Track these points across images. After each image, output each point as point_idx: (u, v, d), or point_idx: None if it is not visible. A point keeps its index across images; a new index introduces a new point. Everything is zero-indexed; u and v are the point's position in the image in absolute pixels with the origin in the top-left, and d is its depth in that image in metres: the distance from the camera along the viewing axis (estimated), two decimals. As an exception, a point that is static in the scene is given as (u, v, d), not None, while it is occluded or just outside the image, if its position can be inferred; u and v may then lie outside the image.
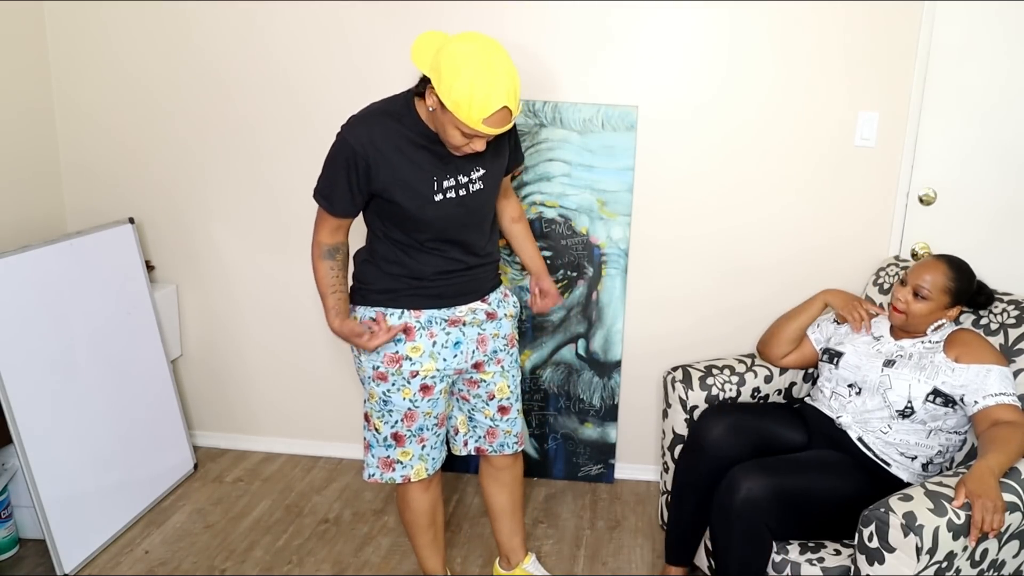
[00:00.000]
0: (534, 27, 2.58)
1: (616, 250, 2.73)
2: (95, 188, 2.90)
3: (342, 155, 1.80)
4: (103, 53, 2.77)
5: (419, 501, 2.09)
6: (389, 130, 1.79)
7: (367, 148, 1.77)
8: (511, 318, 2.09)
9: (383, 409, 1.97)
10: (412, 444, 1.99)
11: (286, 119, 2.76)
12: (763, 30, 2.53)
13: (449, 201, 1.85)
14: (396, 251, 1.90)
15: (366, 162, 1.78)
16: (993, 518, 1.60)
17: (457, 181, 1.85)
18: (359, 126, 1.80)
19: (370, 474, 2.04)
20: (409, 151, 1.80)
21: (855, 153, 2.59)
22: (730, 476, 1.93)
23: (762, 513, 1.86)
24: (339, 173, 1.81)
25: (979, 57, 2.46)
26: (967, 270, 2.07)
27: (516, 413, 2.13)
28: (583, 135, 2.65)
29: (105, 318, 2.58)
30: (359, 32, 2.66)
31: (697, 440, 2.14)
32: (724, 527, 1.92)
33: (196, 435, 3.10)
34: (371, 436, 2.02)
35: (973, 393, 1.92)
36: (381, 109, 1.84)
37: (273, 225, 2.86)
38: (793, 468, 1.96)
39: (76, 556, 2.35)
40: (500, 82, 1.65)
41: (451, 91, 1.64)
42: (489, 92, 1.64)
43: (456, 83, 1.63)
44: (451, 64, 1.64)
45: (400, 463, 2.00)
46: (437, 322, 1.94)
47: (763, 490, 1.86)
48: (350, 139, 1.78)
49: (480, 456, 2.20)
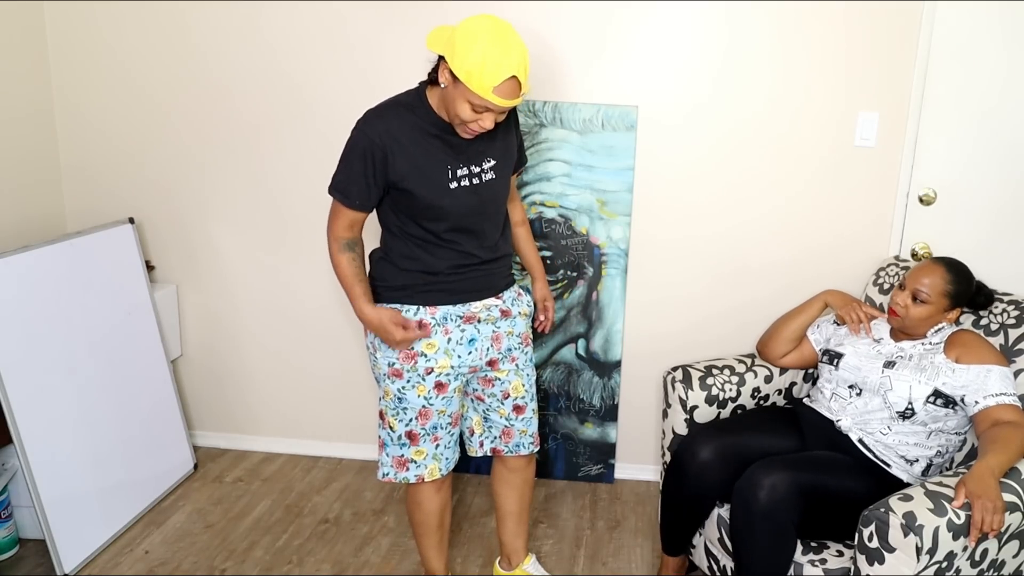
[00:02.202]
0: (534, 27, 2.58)
1: (616, 250, 2.73)
2: (95, 188, 2.90)
3: (359, 147, 1.83)
4: (103, 53, 2.77)
5: (431, 502, 2.09)
6: (404, 120, 1.84)
7: (384, 138, 1.81)
8: (525, 317, 2.10)
9: (398, 407, 1.97)
10: (426, 443, 1.99)
11: (286, 119, 2.76)
12: (763, 30, 2.53)
13: (464, 189, 1.88)
14: (411, 246, 1.92)
15: (383, 152, 1.81)
16: (993, 518, 1.60)
17: (470, 170, 1.89)
18: (374, 119, 1.84)
19: (384, 473, 2.04)
20: (424, 141, 1.84)
21: (855, 153, 2.59)
22: (751, 474, 1.89)
23: (787, 509, 1.82)
24: (355, 165, 1.84)
25: (979, 57, 2.46)
26: (966, 272, 2.07)
27: (531, 413, 2.13)
28: (583, 135, 2.65)
29: (105, 318, 2.58)
30: (359, 32, 2.66)
31: (681, 465, 2.11)
32: (747, 527, 1.87)
33: (196, 435, 3.10)
34: (386, 434, 2.02)
35: (973, 393, 1.92)
36: (395, 101, 1.89)
37: (273, 225, 2.86)
38: (811, 464, 1.94)
39: (76, 556, 2.35)
40: (511, 53, 1.71)
41: (464, 61, 1.69)
42: (500, 61, 1.69)
43: (469, 54, 1.69)
44: (465, 36, 1.71)
45: (414, 462, 2.00)
46: (452, 319, 1.95)
47: (786, 485, 1.83)
48: (367, 130, 1.82)
49: (494, 457, 2.20)
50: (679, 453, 2.14)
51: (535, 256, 2.24)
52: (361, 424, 3.00)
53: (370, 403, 2.97)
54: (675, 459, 2.15)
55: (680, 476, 2.12)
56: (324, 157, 2.75)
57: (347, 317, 2.87)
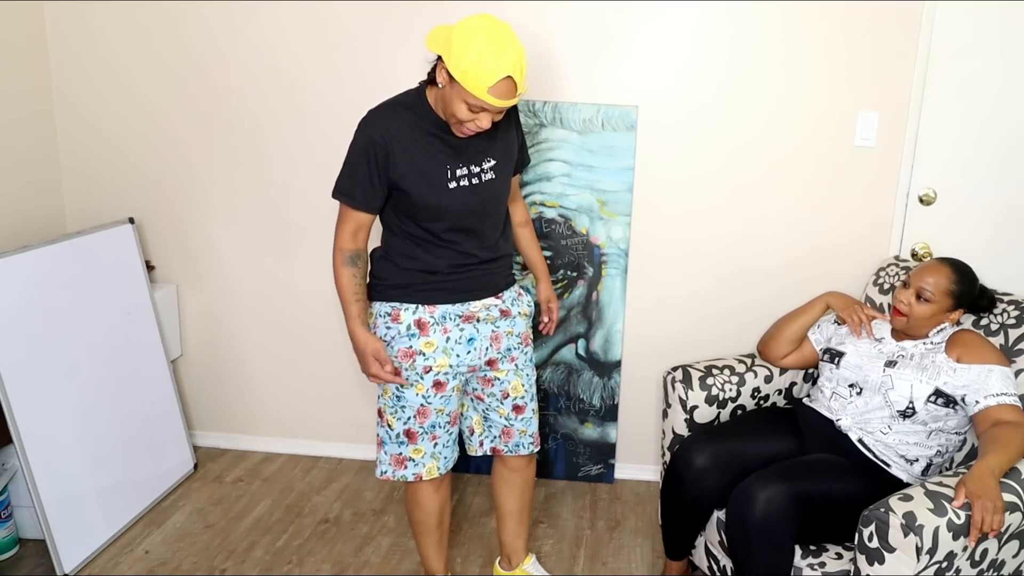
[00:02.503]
0: (534, 27, 2.58)
1: (616, 250, 2.73)
2: (95, 188, 2.90)
3: (362, 146, 1.84)
4: (103, 53, 2.77)
5: (430, 501, 2.09)
6: (405, 120, 1.85)
7: (385, 137, 1.83)
8: (525, 317, 2.10)
9: (396, 405, 1.97)
10: (424, 442, 2.00)
11: (286, 119, 2.76)
12: (763, 30, 2.53)
13: (463, 189, 1.88)
14: (411, 246, 1.93)
15: (385, 151, 1.82)
16: (993, 518, 1.60)
17: (470, 170, 1.89)
18: (376, 118, 1.86)
19: (382, 471, 2.04)
20: (423, 140, 1.85)
21: (855, 153, 2.59)
22: (747, 487, 1.87)
23: (783, 522, 1.81)
24: (359, 165, 1.85)
25: (979, 57, 2.46)
26: (970, 273, 2.07)
27: (531, 413, 2.13)
28: (583, 135, 2.64)
29: (105, 318, 2.58)
30: (359, 31, 2.66)
31: (677, 472, 2.11)
32: (743, 540, 1.86)
33: (196, 435, 3.10)
34: (384, 432, 2.03)
35: (974, 393, 1.92)
36: (396, 101, 1.90)
37: (273, 225, 2.86)
38: (807, 472, 1.93)
39: (76, 556, 2.35)
40: (507, 53, 1.71)
41: (460, 61, 1.70)
42: (496, 61, 1.70)
43: (465, 54, 1.70)
44: (461, 36, 1.72)
45: (412, 460, 2.01)
46: (451, 318, 1.95)
47: (782, 497, 1.82)
48: (369, 130, 1.84)
49: (495, 457, 2.20)
50: (674, 460, 2.13)
51: (539, 257, 2.24)
52: (361, 424, 3.00)
53: (370, 403, 2.97)
54: (671, 466, 2.15)
55: (677, 483, 2.12)
56: (324, 156, 2.75)
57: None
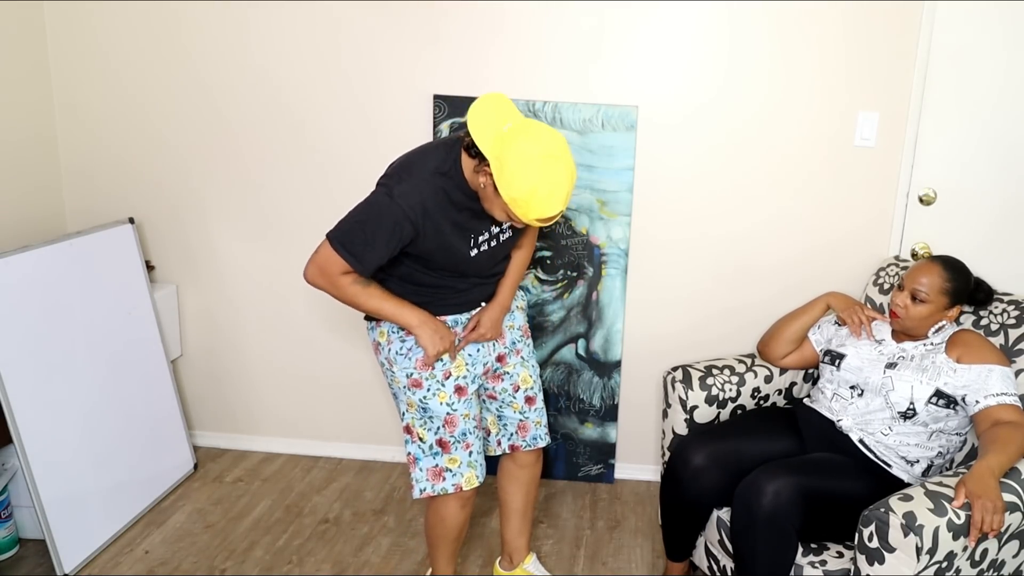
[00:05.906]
0: (534, 27, 2.58)
1: (616, 250, 2.72)
2: (95, 188, 2.89)
3: (390, 218, 1.74)
4: (103, 54, 2.77)
5: (455, 518, 2.04)
6: (439, 193, 1.76)
7: (418, 214, 1.74)
8: (522, 310, 2.16)
9: (423, 416, 1.96)
10: (459, 451, 1.96)
11: (286, 120, 2.76)
12: (763, 30, 2.53)
13: (482, 254, 1.90)
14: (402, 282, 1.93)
15: (414, 228, 1.75)
16: (993, 518, 1.60)
17: (490, 233, 1.89)
18: (412, 192, 1.74)
19: (421, 489, 1.96)
20: (453, 213, 1.79)
21: (855, 153, 2.59)
22: (754, 479, 1.88)
23: (790, 514, 1.82)
24: (379, 235, 1.75)
25: (979, 58, 2.46)
26: (963, 269, 2.07)
27: (541, 404, 2.16)
28: (583, 135, 2.64)
29: (105, 318, 2.58)
30: (357, 35, 2.65)
31: (674, 472, 2.12)
32: (749, 532, 1.86)
33: (196, 435, 3.10)
34: (416, 448, 1.97)
35: (975, 393, 1.92)
36: (433, 168, 1.77)
37: (273, 225, 2.86)
38: (813, 468, 1.93)
39: (76, 556, 2.34)
40: (560, 190, 1.66)
41: (510, 187, 1.64)
42: (548, 200, 1.65)
43: (518, 182, 1.63)
44: (516, 162, 1.63)
45: (449, 471, 1.96)
46: (460, 325, 1.99)
47: (790, 490, 1.82)
48: (402, 203, 1.73)
49: (502, 455, 2.21)
50: (672, 460, 2.14)
51: (513, 277, 2.07)
52: (361, 424, 3.00)
53: (370, 403, 2.97)
54: (669, 466, 2.15)
55: (675, 483, 2.12)
56: (323, 156, 2.76)
57: (347, 317, 2.87)
